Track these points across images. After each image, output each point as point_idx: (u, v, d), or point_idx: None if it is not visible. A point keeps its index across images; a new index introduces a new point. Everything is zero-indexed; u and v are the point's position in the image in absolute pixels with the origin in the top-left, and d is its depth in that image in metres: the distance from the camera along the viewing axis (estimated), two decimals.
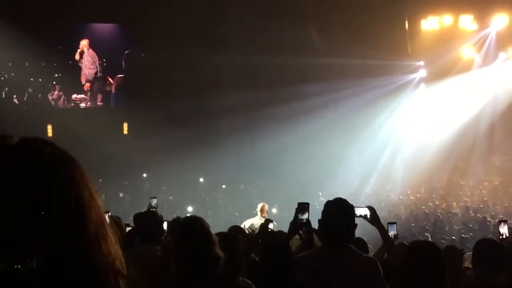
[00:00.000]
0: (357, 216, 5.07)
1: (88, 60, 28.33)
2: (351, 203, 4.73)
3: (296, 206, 5.44)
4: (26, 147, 1.34)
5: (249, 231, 8.88)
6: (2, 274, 1.22)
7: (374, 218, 5.64)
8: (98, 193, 1.42)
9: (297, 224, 5.41)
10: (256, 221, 11.20)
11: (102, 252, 1.35)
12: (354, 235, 4.63)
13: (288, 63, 25.82)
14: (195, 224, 3.92)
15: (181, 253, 3.82)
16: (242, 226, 9.97)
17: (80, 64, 28.25)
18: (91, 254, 1.32)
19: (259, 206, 11.93)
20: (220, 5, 25.76)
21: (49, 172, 1.30)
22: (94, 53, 28.36)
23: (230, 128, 26.56)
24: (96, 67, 28.55)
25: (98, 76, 28.70)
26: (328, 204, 4.57)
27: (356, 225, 4.62)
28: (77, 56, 28.12)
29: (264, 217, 11.58)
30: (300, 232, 5.74)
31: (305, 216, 5.34)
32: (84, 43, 28.06)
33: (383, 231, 5.77)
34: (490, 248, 5.42)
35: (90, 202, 1.35)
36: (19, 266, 1.23)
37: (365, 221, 5.61)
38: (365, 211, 5.56)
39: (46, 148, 1.36)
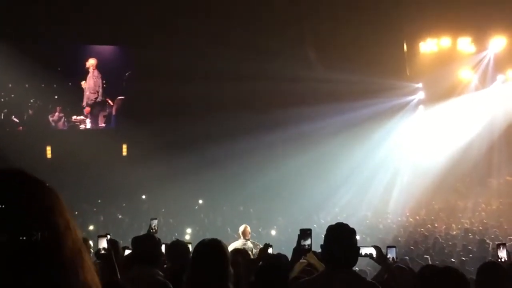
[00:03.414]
0: (363, 256, 5.10)
1: (91, 83, 28.38)
2: (351, 226, 4.73)
3: (298, 231, 5.44)
4: None
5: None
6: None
7: (380, 258, 5.62)
8: (92, 218, 1.44)
9: (300, 251, 5.41)
10: (239, 244, 10.99)
11: (79, 279, 1.37)
12: (357, 259, 4.62)
13: (288, 87, 25.96)
14: (215, 246, 3.98)
15: (197, 274, 3.85)
16: None
17: (83, 86, 28.32)
18: (68, 281, 1.35)
19: (241, 228, 11.54)
20: (222, 28, 25.86)
21: (22, 204, 1.34)
22: (98, 76, 28.40)
23: (230, 152, 26.56)
24: (97, 91, 28.58)
25: (98, 101, 28.71)
26: (330, 228, 4.57)
27: (359, 248, 4.63)
28: (83, 84, 28.25)
29: (247, 239, 11.35)
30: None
31: (308, 242, 5.35)
32: (92, 62, 28.13)
33: (388, 269, 5.73)
34: (495, 272, 5.46)
35: (65, 231, 1.38)
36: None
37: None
38: (371, 251, 5.56)
39: (18, 179, 1.39)
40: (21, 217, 1.31)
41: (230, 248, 10.63)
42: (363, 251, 5.20)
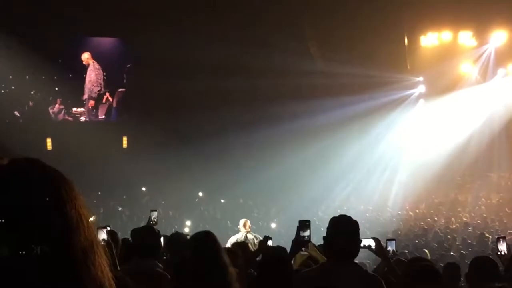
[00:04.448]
0: (361, 247, 5.11)
1: (93, 75, 28.35)
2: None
3: (297, 223, 5.44)
4: (13, 169, 1.35)
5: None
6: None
7: (379, 250, 5.63)
8: (92, 210, 1.41)
9: (299, 242, 5.41)
10: (240, 236, 11.27)
11: (90, 276, 1.35)
12: (359, 252, 4.63)
13: (287, 81, 25.94)
14: (208, 238, 4.02)
15: (194, 265, 3.88)
16: (228, 243, 9.99)
17: (84, 77, 28.33)
18: (78, 279, 1.33)
19: (241, 222, 11.91)
20: (222, 22, 25.77)
21: (34, 195, 1.32)
22: (99, 67, 28.37)
23: (229, 145, 26.58)
24: (100, 84, 28.56)
25: (101, 93, 28.72)
26: (333, 220, 4.57)
27: (361, 241, 4.64)
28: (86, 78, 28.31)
29: (247, 231, 11.63)
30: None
31: (307, 233, 5.35)
32: (86, 56, 28.08)
33: (387, 262, 5.75)
34: (485, 265, 5.52)
35: (77, 224, 1.35)
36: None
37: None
38: (370, 242, 5.57)
39: (32, 169, 1.37)
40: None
41: (232, 240, 10.84)
42: (362, 242, 5.21)
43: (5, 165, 1.37)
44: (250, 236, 11.41)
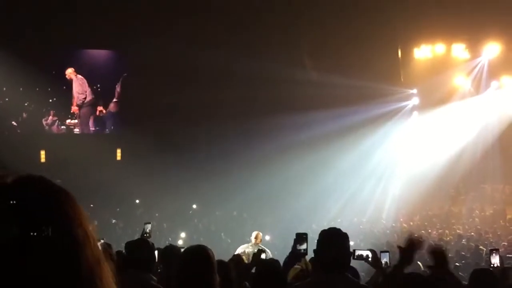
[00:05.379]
0: (358, 256, 5.10)
1: (78, 86, 28.33)
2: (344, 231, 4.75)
3: (292, 236, 5.45)
4: (19, 187, 1.34)
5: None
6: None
7: (375, 262, 5.64)
8: (91, 221, 1.41)
9: (296, 255, 5.42)
10: (248, 248, 11.29)
11: None
12: (350, 264, 4.63)
13: (282, 92, 25.95)
14: (200, 253, 3.95)
15: (183, 281, 3.85)
16: (236, 251, 10.00)
17: (72, 92, 28.33)
18: None
19: (254, 234, 12.00)
20: (216, 31, 25.82)
21: (41, 213, 1.30)
22: (83, 79, 28.32)
23: (224, 157, 26.53)
24: (85, 91, 28.51)
25: (86, 101, 28.64)
26: (323, 233, 4.57)
27: (351, 253, 4.64)
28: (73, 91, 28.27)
29: (257, 244, 11.63)
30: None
31: (304, 246, 5.36)
32: (69, 71, 28.02)
33: (382, 273, 5.75)
34: (483, 278, 5.54)
35: (84, 241, 1.34)
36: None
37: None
38: (367, 253, 5.58)
39: (38, 187, 1.36)
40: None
41: (239, 250, 10.90)
42: (357, 253, 5.22)
43: (9, 182, 1.35)
44: (257, 248, 11.46)
